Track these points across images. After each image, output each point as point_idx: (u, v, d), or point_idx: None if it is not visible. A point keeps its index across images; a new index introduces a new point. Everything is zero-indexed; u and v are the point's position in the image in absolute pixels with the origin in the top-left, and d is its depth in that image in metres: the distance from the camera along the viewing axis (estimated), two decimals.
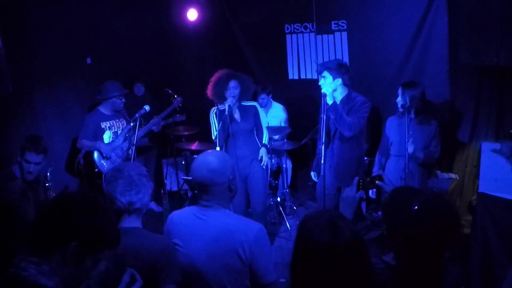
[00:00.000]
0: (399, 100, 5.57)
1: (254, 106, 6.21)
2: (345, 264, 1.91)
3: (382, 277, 2.29)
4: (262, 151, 6.13)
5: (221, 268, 2.84)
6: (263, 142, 6.25)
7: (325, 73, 5.38)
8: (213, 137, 6.08)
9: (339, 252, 1.91)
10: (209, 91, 6.03)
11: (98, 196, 2.34)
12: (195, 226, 2.97)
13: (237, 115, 6.02)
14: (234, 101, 5.87)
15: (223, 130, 5.84)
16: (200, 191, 3.04)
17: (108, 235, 2.25)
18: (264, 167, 6.08)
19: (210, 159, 3.04)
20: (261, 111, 6.49)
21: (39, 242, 2.13)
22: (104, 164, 6.25)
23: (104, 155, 6.25)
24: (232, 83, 5.93)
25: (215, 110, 6.05)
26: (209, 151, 3.32)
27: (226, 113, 5.78)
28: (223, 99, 5.95)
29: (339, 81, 5.34)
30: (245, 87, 6.07)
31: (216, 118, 6.00)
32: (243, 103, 6.12)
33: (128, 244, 2.67)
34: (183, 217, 3.09)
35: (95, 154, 6.28)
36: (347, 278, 1.91)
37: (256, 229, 2.89)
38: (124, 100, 6.46)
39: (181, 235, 3.00)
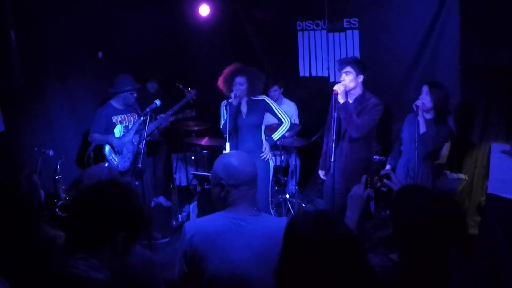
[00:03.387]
0: (423, 97, 5.42)
1: (264, 100, 6.09)
2: (334, 262, 1.88)
3: (388, 275, 2.29)
4: (266, 144, 6.07)
5: (269, 272, 2.72)
6: (273, 136, 6.14)
7: (349, 68, 5.26)
8: (221, 126, 6.14)
9: (327, 249, 1.89)
10: (220, 84, 6.06)
11: (127, 180, 2.30)
12: (236, 234, 2.81)
13: (244, 109, 6.03)
14: (236, 96, 5.83)
15: (230, 121, 5.85)
16: (238, 194, 2.89)
17: (146, 217, 2.23)
18: (265, 160, 6.03)
19: (244, 156, 3.00)
20: None
21: (84, 237, 2.10)
22: (115, 158, 6.24)
23: (116, 149, 6.26)
24: (238, 79, 5.93)
25: (225, 103, 6.06)
26: (227, 153, 3.28)
27: (234, 103, 5.79)
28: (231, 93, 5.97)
29: (361, 77, 5.28)
30: (253, 83, 6.01)
31: (226, 110, 6.01)
32: (253, 98, 6.07)
33: None
34: (216, 227, 2.87)
35: (106, 148, 6.26)
36: (337, 276, 1.89)
37: None
38: (135, 94, 6.43)
39: (218, 246, 2.80)
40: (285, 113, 6.19)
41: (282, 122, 6.15)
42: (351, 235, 1.96)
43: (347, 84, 5.22)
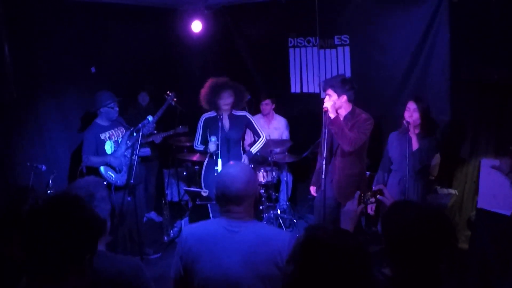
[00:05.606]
0: (412, 114, 5.42)
1: (245, 116, 6.29)
2: (349, 271, 1.91)
3: None
4: (245, 157, 6.23)
5: (259, 279, 2.81)
6: (252, 149, 6.33)
7: (330, 91, 5.31)
8: (195, 144, 6.34)
9: (346, 257, 1.92)
10: (202, 98, 6.16)
11: (74, 194, 2.19)
12: (228, 239, 2.89)
13: (226, 124, 6.12)
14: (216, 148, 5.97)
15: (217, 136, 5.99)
16: (229, 204, 2.96)
17: (101, 227, 2.16)
18: None
19: (240, 171, 3.01)
20: (261, 122, 6.43)
21: (49, 266, 1.88)
22: (112, 175, 6.22)
23: (117, 168, 6.27)
24: (227, 93, 6.07)
25: (204, 118, 6.27)
26: (232, 163, 3.33)
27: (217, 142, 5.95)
28: (215, 107, 6.11)
29: (344, 98, 5.31)
30: (239, 96, 6.20)
31: (202, 125, 6.27)
32: (234, 113, 6.23)
33: (100, 268, 2.43)
34: (210, 231, 3.00)
35: (102, 168, 6.23)
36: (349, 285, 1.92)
37: (289, 237, 2.88)
38: (117, 108, 6.40)
39: (211, 250, 2.90)
40: (261, 128, 6.47)
41: (260, 137, 6.38)
42: (365, 248, 2.00)
43: (329, 103, 5.27)
